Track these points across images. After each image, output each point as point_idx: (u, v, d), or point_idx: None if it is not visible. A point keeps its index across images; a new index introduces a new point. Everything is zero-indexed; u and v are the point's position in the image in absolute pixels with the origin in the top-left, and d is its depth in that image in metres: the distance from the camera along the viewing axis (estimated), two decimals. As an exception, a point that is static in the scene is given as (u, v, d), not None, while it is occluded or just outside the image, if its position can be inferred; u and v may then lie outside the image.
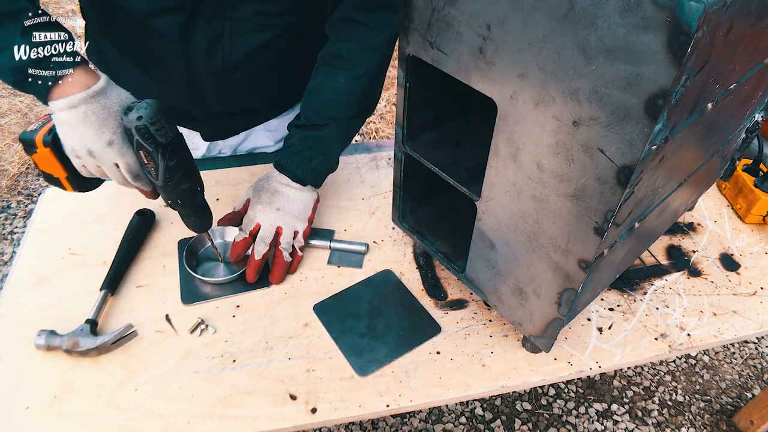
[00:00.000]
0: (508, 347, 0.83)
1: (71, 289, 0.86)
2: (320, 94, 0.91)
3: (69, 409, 0.72)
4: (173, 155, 0.72)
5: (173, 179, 0.74)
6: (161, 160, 0.71)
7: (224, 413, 0.73)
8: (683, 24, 0.41)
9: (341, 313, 0.86)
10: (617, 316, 0.89)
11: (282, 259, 0.89)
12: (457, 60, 0.62)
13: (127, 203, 0.99)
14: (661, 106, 0.46)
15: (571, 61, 0.50)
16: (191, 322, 0.83)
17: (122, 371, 0.76)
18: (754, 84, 0.70)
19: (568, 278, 0.65)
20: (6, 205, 2.22)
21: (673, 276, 0.96)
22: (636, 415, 1.61)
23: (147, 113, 0.68)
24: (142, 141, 0.68)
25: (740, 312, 0.90)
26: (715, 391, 1.69)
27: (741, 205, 1.07)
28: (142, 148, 0.69)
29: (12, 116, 2.64)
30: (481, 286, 0.80)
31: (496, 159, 0.65)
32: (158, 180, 0.73)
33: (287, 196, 0.90)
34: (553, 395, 1.65)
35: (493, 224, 0.71)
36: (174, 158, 0.72)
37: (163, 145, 0.70)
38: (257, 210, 0.90)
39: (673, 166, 0.63)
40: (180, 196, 0.77)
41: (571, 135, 0.54)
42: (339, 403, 0.75)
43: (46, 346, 0.77)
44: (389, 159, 1.16)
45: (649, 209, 0.69)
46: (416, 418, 1.57)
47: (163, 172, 0.72)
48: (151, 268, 0.91)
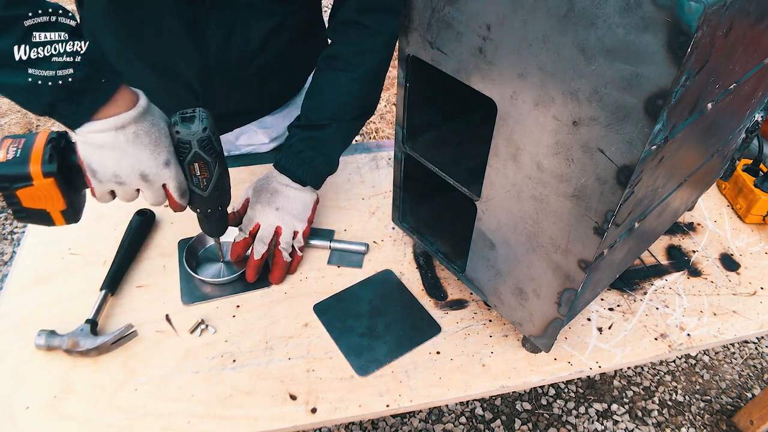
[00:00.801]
0: (508, 347, 0.83)
1: (71, 289, 0.86)
2: (321, 95, 0.91)
3: (69, 409, 0.72)
4: (222, 163, 0.70)
5: (222, 187, 0.71)
6: (217, 168, 0.68)
7: (224, 413, 0.73)
8: (683, 24, 0.41)
9: (341, 313, 0.86)
10: (617, 316, 0.89)
11: (281, 259, 0.88)
12: (457, 60, 0.62)
13: (128, 203, 0.99)
14: (661, 106, 0.46)
15: (570, 61, 0.50)
16: (191, 322, 0.83)
17: (122, 371, 0.77)
18: (754, 84, 0.70)
19: (568, 278, 0.65)
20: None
21: (673, 276, 0.96)
22: (636, 415, 1.61)
23: (210, 123, 0.64)
24: (202, 152, 0.65)
25: (740, 312, 0.90)
26: (715, 391, 1.69)
27: (741, 205, 1.07)
28: (199, 159, 0.66)
29: (12, 116, 2.64)
30: (481, 286, 0.80)
31: (496, 159, 0.65)
32: (206, 191, 0.70)
33: (287, 196, 0.90)
34: (553, 395, 1.65)
35: (493, 224, 0.71)
36: (222, 166, 0.70)
37: (220, 153, 0.67)
38: (257, 210, 0.89)
39: (673, 166, 0.63)
40: (220, 201, 0.75)
41: (571, 135, 0.54)
42: (339, 403, 0.75)
43: (46, 346, 0.77)
44: (389, 159, 1.16)
45: (649, 209, 0.69)
46: (416, 418, 1.57)
47: (215, 182, 0.69)
48: (151, 268, 0.91)
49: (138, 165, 0.64)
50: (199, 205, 0.74)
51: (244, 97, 1.00)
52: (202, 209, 0.75)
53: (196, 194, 0.71)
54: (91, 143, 0.62)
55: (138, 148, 0.63)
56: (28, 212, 0.64)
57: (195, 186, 0.69)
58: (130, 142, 0.62)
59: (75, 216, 0.69)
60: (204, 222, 0.79)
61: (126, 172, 0.64)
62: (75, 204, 0.67)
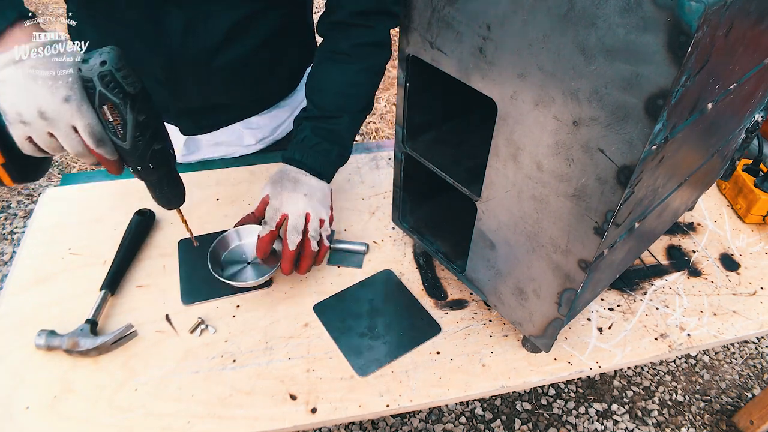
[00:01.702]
0: (508, 347, 0.83)
1: (71, 289, 0.86)
2: (329, 86, 0.90)
3: (69, 409, 0.72)
4: (142, 110, 0.62)
5: (144, 138, 0.64)
6: (129, 113, 0.61)
7: (224, 413, 0.73)
8: (683, 24, 0.41)
9: (341, 313, 0.86)
10: (617, 316, 0.89)
11: (310, 248, 0.84)
12: (457, 60, 0.62)
13: (128, 203, 0.99)
14: (661, 106, 0.46)
15: (571, 61, 0.50)
16: (191, 322, 0.83)
17: (122, 371, 0.77)
18: (754, 84, 0.70)
19: (568, 278, 0.65)
20: (6, 205, 2.22)
21: (673, 276, 0.96)
22: (636, 415, 1.61)
23: (111, 57, 0.58)
24: (107, 91, 0.59)
25: (740, 312, 0.90)
26: (715, 391, 1.69)
27: (741, 205, 1.07)
28: (106, 101, 0.59)
29: None
30: (481, 286, 0.80)
31: (496, 159, 0.65)
32: (126, 140, 0.63)
33: (310, 185, 0.87)
34: (553, 395, 1.65)
35: (493, 224, 0.71)
36: (143, 113, 0.62)
37: (131, 95, 0.60)
38: (283, 198, 0.85)
39: (673, 166, 0.63)
40: (152, 160, 0.67)
41: (571, 135, 0.54)
42: (339, 403, 0.75)
43: (46, 346, 0.77)
44: (389, 159, 1.16)
45: (649, 209, 0.69)
46: (416, 418, 1.57)
47: (132, 129, 0.62)
48: (151, 268, 0.91)
49: (34, 101, 0.58)
50: (129, 161, 0.67)
51: (216, 91, 0.96)
52: (135, 167, 0.68)
53: (118, 146, 0.64)
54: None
55: (35, 83, 0.58)
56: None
57: (112, 135, 0.63)
58: (27, 77, 0.57)
59: (22, 172, 0.65)
60: (154, 189, 0.73)
61: (25, 110, 0.59)
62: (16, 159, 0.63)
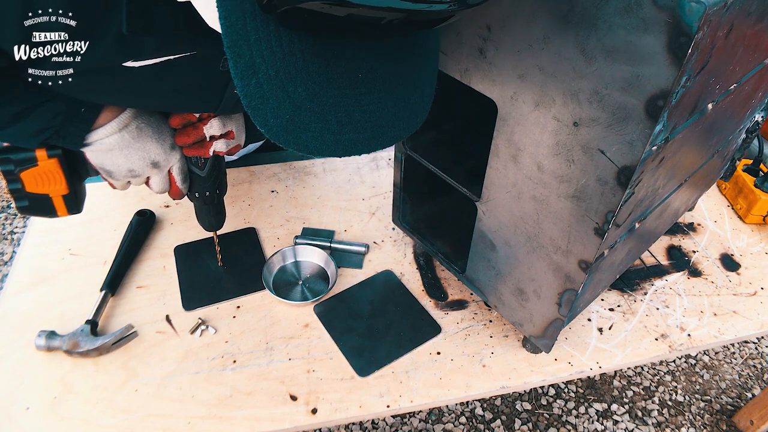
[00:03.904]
0: (509, 348, 0.83)
1: (71, 290, 0.86)
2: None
3: (69, 409, 0.72)
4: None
5: (217, 167, 0.73)
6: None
7: (225, 414, 0.73)
8: (683, 25, 0.41)
9: (341, 313, 0.86)
10: (617, 316, 0.89)
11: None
12: (457, 60, 0.62)
13: (127, 203, 0.99)
14: (662, 107, 0.46)
15: (571, 61, 0.50)
16: (191, 322, 0.83)
17: (122, 372, 0.76)
18: (754, 84, 0.70)
19: (569, 279, 0.65)
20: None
21: (673, 276, 0.96)
22: (636, 415, 1.61)
23: None
24: None
25: (740, 312, 0.90)
26: (715, 391, 1.69)
27: (741, 206, 1.07)
28: None
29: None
30: (481, 286, 0.80)
31: (496, 159, 0.65)
32: (205, 170, 0.72)
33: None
34: (553, 395, 1.65)
35: (494, 225, 0.71)
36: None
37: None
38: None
39: (673, 166, 0.63)
40: (218, 185, 0.76)
41: (572, 136, 0.54)
42: (339, 403, 0.75)
43: (47, 346, 0.77)
44: (389, 159, 1.16)
45: (649, 210, 0.69)
46: (416, 418, 1.57)
47: (212, 160, 0.71)
48: (152, 268, 0.91)
49: (148, 156, 0.66)
50: (198, 188, 0.75)
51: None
52: (200, 192, 0.76)
53: (196, 175, 0.73)
54: (99, 149, 0.63)
55: (144, 141, 0.65)
56: (30, 198, 0.66)
57: (194, 165, 0.72)
58: (135, 138, 0.64)
59: (77, 205, 0.70)
60: (203, 211, 0.80)
61: (139, 165, 0.66)
62: (77, 191, 0.69)
